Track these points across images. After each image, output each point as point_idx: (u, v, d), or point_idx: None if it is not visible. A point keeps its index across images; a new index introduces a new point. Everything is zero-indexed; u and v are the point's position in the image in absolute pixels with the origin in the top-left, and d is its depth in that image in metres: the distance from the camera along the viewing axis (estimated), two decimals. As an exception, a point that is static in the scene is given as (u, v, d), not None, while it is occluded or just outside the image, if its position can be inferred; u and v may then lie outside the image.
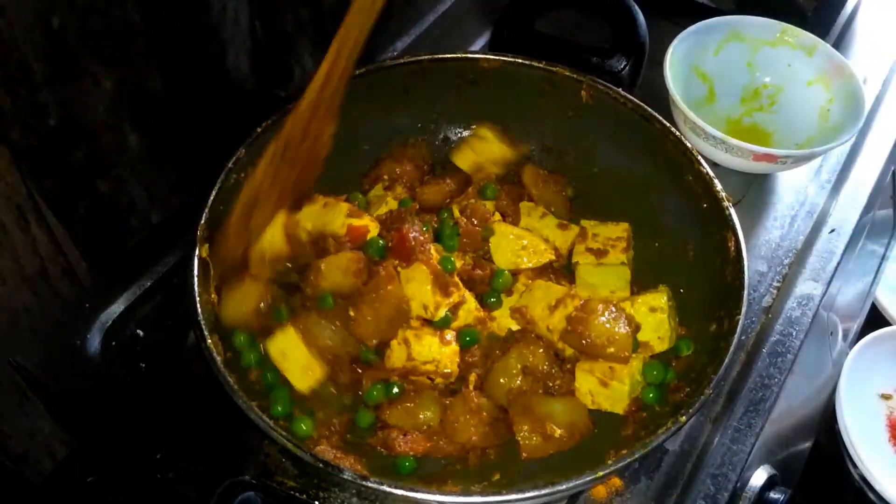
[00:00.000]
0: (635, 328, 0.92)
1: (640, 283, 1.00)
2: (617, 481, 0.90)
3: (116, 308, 0.99)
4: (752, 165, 1.10)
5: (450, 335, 0.91)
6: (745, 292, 0.88)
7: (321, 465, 0.74)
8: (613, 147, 1.07)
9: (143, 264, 1.03)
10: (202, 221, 0.89)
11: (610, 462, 0.77)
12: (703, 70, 1.22)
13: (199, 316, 0.82)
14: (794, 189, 1.19)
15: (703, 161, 0.98)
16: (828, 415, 1.28)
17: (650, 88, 1.15)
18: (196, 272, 0.85)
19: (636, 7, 1.20)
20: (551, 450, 0.87)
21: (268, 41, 1.19)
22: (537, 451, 0.87)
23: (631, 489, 0.90)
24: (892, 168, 1.29)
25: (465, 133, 1.13)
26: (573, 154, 1.11)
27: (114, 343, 0.96)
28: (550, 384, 0.91)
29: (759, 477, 0.95)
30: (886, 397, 1.39)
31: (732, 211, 0.94)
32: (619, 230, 1.04)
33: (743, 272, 0.89)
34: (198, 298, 0.83)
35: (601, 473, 0.76)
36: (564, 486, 0.75)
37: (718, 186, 0.96)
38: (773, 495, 0.95)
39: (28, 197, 0.94)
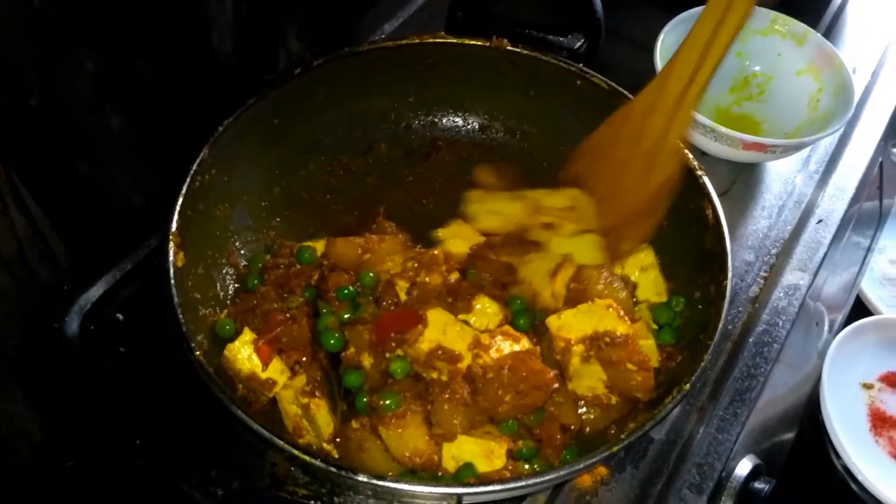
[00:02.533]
0: (633, 288, 0.95)
1: None
2: (602, 470, 0.89)
3: (96, 291, 0.97)
4: (741, 154, 1.10)
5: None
6: (729, 257, 0.88)
7: (333, 469, 0.72)
8: (578, 124, 1.06)
9: (122, 247, 1.01)
10: (173, 229, 0.85)
11: (623, 436, 0.77)
12: (692, 58, 1.21)
13: (183, 328, 0.79)
14: (782, 179, 1.19)
15: None
16: (812, 405, 1.28)
17: (638, 76, 1.14)
18: (174, 283, 0.81)
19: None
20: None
21: (254, 23, 1.18)
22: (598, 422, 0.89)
23: (616, 477, 0.90)
24: (880, 159, 1.29)
25: (427, 120, 1.11)
26: (538, 134, 1.11)
27: (93, 327, 0.94)
28: None
29: (744, 466, 0.95)
30: (868, 387, 1.39)
31: (706, 179, 0.94)
32: (565, 198, 1.02)
33: (723, 237, 0.90)
34: (179, 311, 0.80)
35: (615, 448, 0.76)
36: (562, 472, 0.76)
37: (690, 156, 0.96)
38: (758, 485, 0.95)
39: (6, 179, 0.93)
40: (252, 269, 0.95)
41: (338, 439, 0.84)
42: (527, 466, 0.84)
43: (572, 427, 0.88)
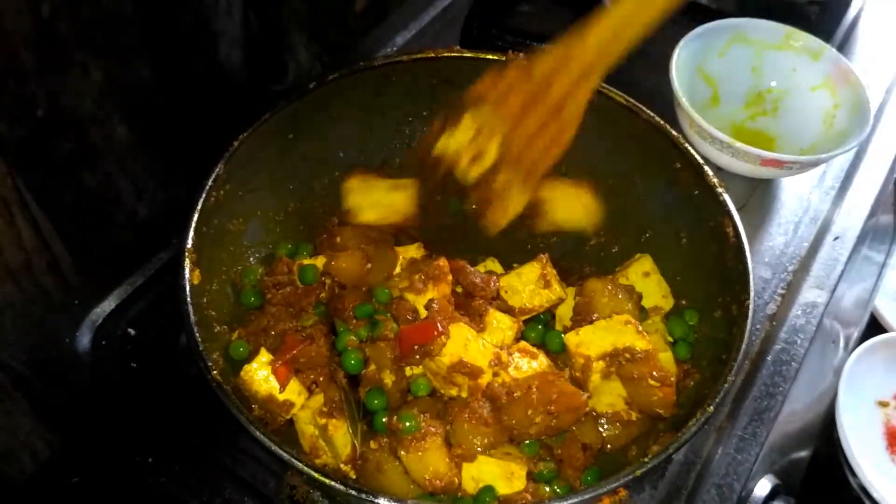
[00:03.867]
0: (638, 297, 0.94)
1: None
2: (622, 491, 0.87)
3: (107, 306, 0.96)
4: (757, 170, 1.09)
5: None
6: (751, 277, 0.87)
7: (353, 492, 0.71)
8: (593, 136, 1.04)
9: (133, 261, 1.00)
10: (189, 245, 0.84)
11: (647, 459, 0.76)
12: (707, 72, 1.20)
13: (200, 346, 0.77)
14: (798, 195, 1.18)
15: (690, 149, 0.96)
16: (827, 423, 1.27)
17: (652, 89, 1.13)
18: (190, 301, 0.80)
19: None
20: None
21: (262, 34, 1.17)
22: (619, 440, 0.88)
23: (635, 499, 0.88)
24: (896, 175, 1.28)
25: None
26: None
27: (104, 342, 0.93)
28: None
29: (762, 487, 0.93)
30: (883, 405, 1.38)
31: (727, 196, 0.93)
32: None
33: (745, 255, 0.88)
34: (196, 330, 0.79)
35: (639, 472, 0.74)
36: (586, 495, 0.75)
37: (710, 172, 0.94)
38: (777, 505, 0.93)
39: (13, 189, 0.92)
40: (245, 284, 0.93)
41: (359, 461, 0.82)
42: (548, 489, 0.82)
43: (593, 446, 0.86)
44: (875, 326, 1.50)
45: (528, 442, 0.84)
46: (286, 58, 1.25)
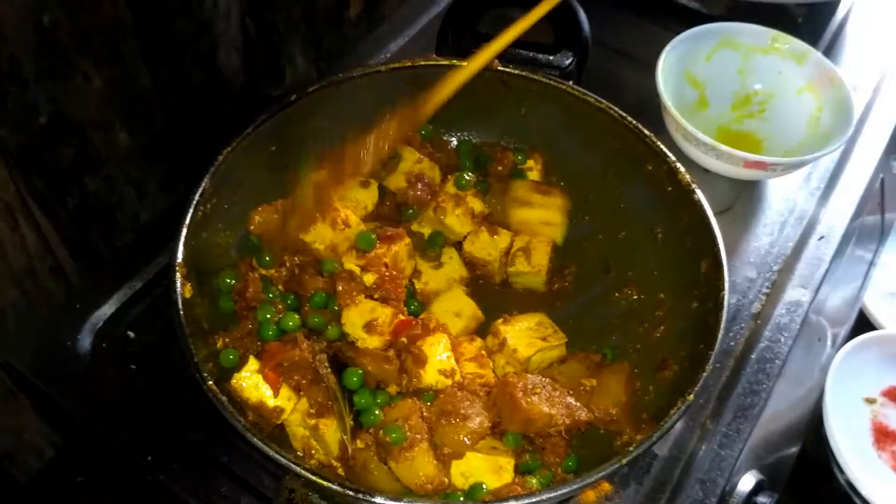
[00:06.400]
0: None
1: (617, 269, 1.04)
2: (606, 486, 0.90)
3: (107, 309, 0.98)
4: (742, 172, 1.11)
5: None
6: (725, 267, 0.89)
7: (350, 493, 0.73)
8: (570, 139, 1.07)
9: (133, 265, 1.02)
10: (179, 259, 0.85)
11: (631, 448, 0.78)
12: (694, 76, 1.22)
13: (195, 358, 0.79)
14: (784, 196, 1.20)
15: (662, 146, 0.99)
16: (815, 419, 1.29)
17: (640, 93, 1.15)
18: (182, 313, 0.82)
19: (576, 2, 1.20)
20: None
21: (259, 39, 1.19)
22: None
23: (620, 493, 0.90)
24: (881, 175, 1.30)
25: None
26: (529, 151, 1.12)
27: (104, 344, 0.95)
28: None
29: (746, 482, 0.95)
30: (871, 401, 1.40)
31: (699, 192, 0.95)
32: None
33: (718, 247, 0.91)
34: (190, 342, 0.80)
35: (625, 461, 0.77)
36: (574, 486, 0.77)
37: (682, 169, 0.97)
38: (761, 500, 0.95)
39: (17, 194, 0.94)
40: (222, 290, 0.94)
41: (351, 461, 0.84)
42: (534, 480, 0.85)
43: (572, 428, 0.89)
44: (864, 324, 1.52)
45: (510, 434, 0.87)
46: (283, 63, 1.27)
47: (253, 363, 0.85)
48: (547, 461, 0.87)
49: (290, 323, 0.90)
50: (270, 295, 0.93)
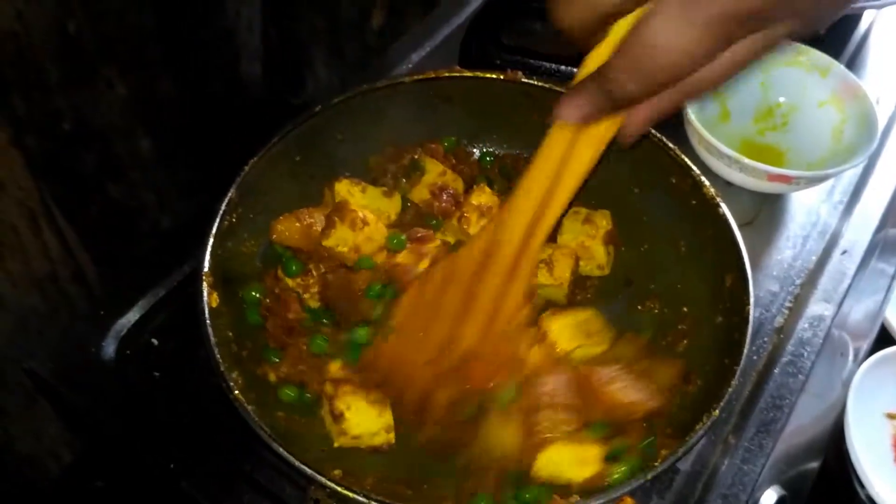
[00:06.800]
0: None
1: (639, 282, 1.03)
2: (629, 501, 0.89)
3: (132, 316, 0.98)
4: (765, 185, 1.10)
5: None
6: (750, 281, 0.89)
7: (376, 503, 0.72)
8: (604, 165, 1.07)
9: (155, 273, 1.02)
10: (206, 269, 0.86)
11: (657, 463, 0.78)
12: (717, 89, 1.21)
13: (221, 367, 0.80)
14: (807, 210, 1.19)
15: (687, 159, 0.98)
16: (836, 434, 1.27)
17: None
18: (209, 323, 0.82)
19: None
20: None
21: (281, 48, 1.19)
22: None
23: (642, 508, 0.90)
24: (905, 187, 1.29)
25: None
26: None
27: (128, 351, 0.96)
28: None
29: (769, 497, 0.94)
30: (893, 417, 1.38)
31: (724, 206, 0.95)
32: None
33: (743, 261, 0.90)
34: (217, 351, 0.81)
35: (649, 476, 0.77)
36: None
37: (707, 183, 0.96)
38: (783, 516, 0.94)
39: (40, 201, 0.94)
40: (247, 302, 0.94)
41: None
42: (623, 468, 0.83)
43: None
44: (886, 338, 1.50)
45: (596, 424, 0.86)
46: (304, 72, 1.28)
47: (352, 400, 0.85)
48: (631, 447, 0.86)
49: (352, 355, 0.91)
50: (309, 313, 0.94)
